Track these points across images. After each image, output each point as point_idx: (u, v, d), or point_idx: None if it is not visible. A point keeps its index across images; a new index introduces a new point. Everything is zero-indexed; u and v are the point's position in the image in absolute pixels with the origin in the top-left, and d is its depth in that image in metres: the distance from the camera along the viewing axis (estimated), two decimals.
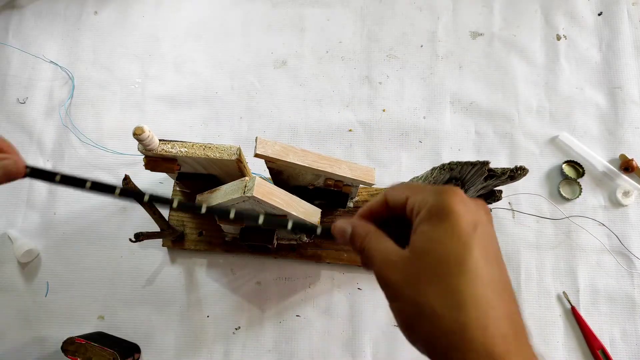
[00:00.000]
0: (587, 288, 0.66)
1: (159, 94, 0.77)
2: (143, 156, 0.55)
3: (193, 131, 0.75)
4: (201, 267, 0.68)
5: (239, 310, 0.66)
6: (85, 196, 0.71)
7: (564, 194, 0.70)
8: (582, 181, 0.70)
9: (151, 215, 0.58)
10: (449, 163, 0.43)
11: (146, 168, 0.55)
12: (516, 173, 0.43)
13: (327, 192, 0.60)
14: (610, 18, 0.79)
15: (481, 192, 0.49)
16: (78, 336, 0.59)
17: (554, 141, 0.73)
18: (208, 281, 0.67)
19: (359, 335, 0.64)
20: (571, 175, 0.70)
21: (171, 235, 0.64)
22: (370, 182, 0.56)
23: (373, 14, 0.81)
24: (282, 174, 0.58)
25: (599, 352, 0.62)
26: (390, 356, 0.63)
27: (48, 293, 0.67)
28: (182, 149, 0.53)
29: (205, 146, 0.53)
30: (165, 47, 0.80)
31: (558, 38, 0.79)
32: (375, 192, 0.68)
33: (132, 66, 0.79)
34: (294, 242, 0.65)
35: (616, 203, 0.70)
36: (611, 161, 0.71)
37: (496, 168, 0.44)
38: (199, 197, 0.55)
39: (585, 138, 0.73)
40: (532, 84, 0.76)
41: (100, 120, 0.76)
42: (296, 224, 0.37)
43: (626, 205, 0.69)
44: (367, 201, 0.67)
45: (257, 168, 0.63)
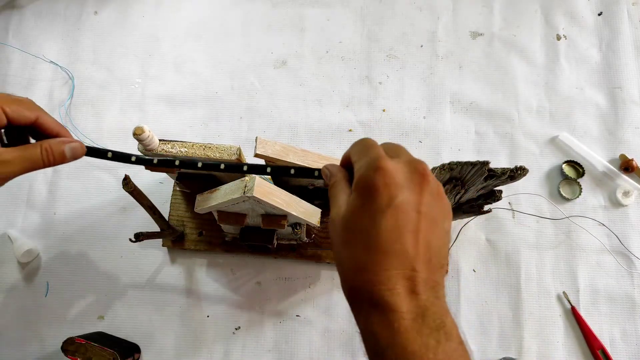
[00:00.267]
0: (587, 288, 0.66)
1: (159, 94, 0.77)
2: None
3: (193, 131, 0.75)
4: (201, 267, 0.68)
5: (239, 310, 0.66)
6: (85, 196, 0.72)
7: (564, 194, 0.70)
8: (582, 181, 0.70)
9: (151, 215, 0.58)
10: (449, 163, 0.43)
11: (146, 168, 0.55)
12: (516, 173, 0.43)
13: (327, 192, 0.60)
14: (610, 18, 0.79)
15: (481, 192, 0.49)
16: (78, 336, 0.59)
17: (554, 141, 0.73)
18: (208, 281, 0.67)
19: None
20: (571, 175, 0.70)
21: (171, 235, 0.65)
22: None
23: (373, 14, 0.81)
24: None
25: (599, 352, 0.62)
26: None
27: (48, 293, 0.67)
28: (182, 149, 0.53)
29: (205, 146, 0.53)
30: (165, 47, 0.80)
31: (558, 38, 0.79)
32: None
33: (132, 66, 0.79)
34: (294, 242, 0.65)
35: (616, 203, 0.70)
36: (611, 161, 0.71)
37: (496, 168, 0.44)
38: (199, 197, 0.55)
39: (585, 138, 0.73)
40: (532, 84, 0.76)
41: (100, 120, 0.76)
42: (298, 170, 0.44)
43: (626, 205, 0.69)
44: None
45: None
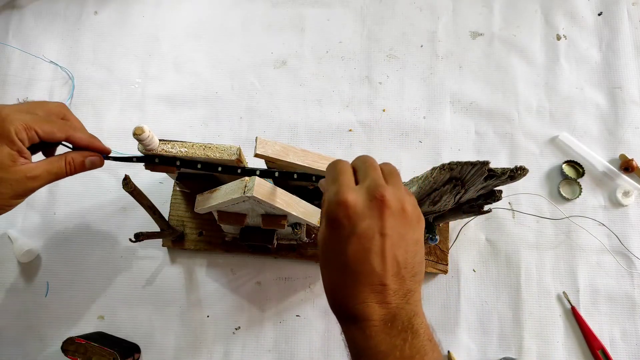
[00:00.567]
0: (587, 288, 0.66)
1: (159, 94, 0.77)
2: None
3: (193, 131, 0.75)
4: (201, 267, 0.68)
5: (239, 310, 0.66)
6: (85, 196, 0.72)
7: (564, 194, 0.70)
8: (582, 181, 0.70)
9: (151, 215, 0.58)
10: (449, 163, 0.43)
11: (146, 168, 0.55)
12: (516, 173, 0.43)
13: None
14: (610, 18, 0.79)
15: (481, 192, 0.49)
16: (78, 336, 0.59)
17: (554, 141, 0.73)
18: (208, 281, 0.67)
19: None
20: (571, 175, 0.70)
21: (171, 235, 0.65)
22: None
23: (373, 14, 0.81)
24: None
25: (599, 352, 0.62)
26: None
27: (48, 293, 0.68)
28: (182, 149, 0.53)
29: (205, 146, 0.53)
30: (165, 47, 0.80)
31: (558, 38, 0.79)
32: None
33: (132, 66, 0.79)
34: (294, 242, 0.65)
35: (616, 203, 0.70)
36: (611, 161, 0.71)
37: (496, 168, 0.44)
38: (199, 197, 0.55)
39: (585, 138, 0.73)
40: (532, 84, 0.76)
41: (100, 120, 0.76)
42: (300, 175, 0.49)
43: (626, 205, 0.69)
44: None
45: None
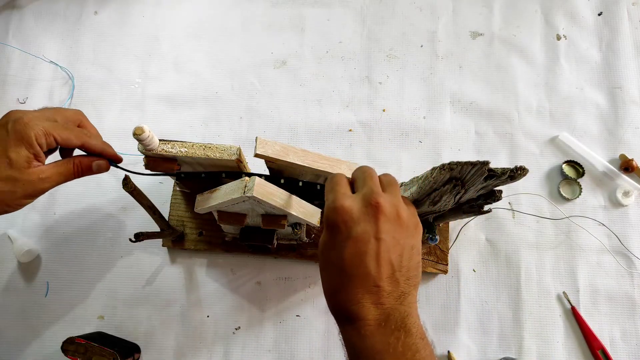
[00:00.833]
0: (587, 288, 0.66)
1: (159, 94, 0.77)
2: (143, 156, 0.55)
3: (193, 131, 0.75)
4: (201, 267, 0.68)
5: (239, 310, 0.66)
6: (85, 196, 0.72)
7: (564, 194, 0.70)
8: (582, 181, 0.70)
9: (151, 215, 0.58)
10: (449, 163, 0.43)
11: (146, 168, 0.55)
12: (516, 173, 0.43)
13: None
14: (610, 18, 0.79)
15: (481, 192, 0.49)
16: (78, 336, 0.59)
17: (554, 141, 0.73)
18: (208, 281, 0.67)
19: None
20: (571, 175, 0.70)
21: (171, 235, 0.64)
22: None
23: (373, 14, 0.81)
24: (282, 174, 0.58)
25: (599, 352, 0.62)
26: None
27: (48, 293, 0.68)
28: (182, 149, 0.53)
29: (205, 146, 0.53)
30: (165, 47, 0.80)
31: (558, 38, 0.79)
32: None
33: (132, 66, 0.79)
34: (294, 242, 0.65)
35: (616, 203, 0.70)
36: (611, 161, 0.71)
37: (496, 168, 0.44)
38: (199, 197, 0.55)
39: (585, 138, 0.73)
40: (532, 84, 0.76)
41: (100, 120, 0.76)
42: (306, 183, 0.53)
43: (626, 205, 0.69)
44: None
45: (257, 168, 0.63)
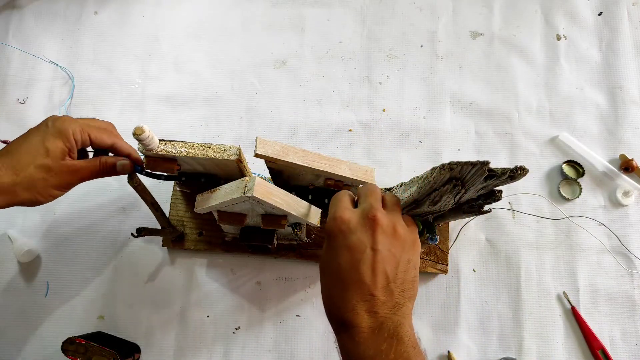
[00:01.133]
0: (587, 288, 0.66)
1: (159, 94, 0.77)
2: (143, 156, 0.55)
3: (193, 131, 0.75)
4: (201, 267, 0.68)
5: (239, 310, 0.66)
6: (85, 196, 0.71)
7: (564, 194, 0.70)
8: (582, 181, 0.70)
9: (153, 212, 0.58)
10: (449, 163, 0.43)
11: (146, 168, 0.55)
12: (516, 173, 0.43)
13: (327, 192, 0.60)
14: (610, 18, 0.79)
15: (481, 192, 0.49)
16: (78, 336, 0.59)
17: (554, 141, 0.73)
18: (208, 281, 0.67)
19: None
20: (571, 175, 0.70)
21: (172, 233, 0.64)
22: (370, 182, 0.56)
23: (373, 14, 0.81)
24: (282, 174, 0.58)
25: (599, 352, 0.62)
26: None
27: (48, 293, 0.67)
28: (182, 149, 0.53)
29: (205, 146, 0.53)
30: (165, 47, 0.80)
31: (558, 38, 0.79)
32: None
33: (132, 66, 0.79)
34: (294, 242, 0.65)
35: (616, 203, 0.70)
36: (611, 161, 0.71)
37: (496, 168, 0.44)
38: (199, 197, 0.55)
39: (585, 138, 0.73)
40: (532, 84, 0.76)
41: None
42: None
43: (626, 205, 0.69)
44: None
45: (257, 168, 0.63)
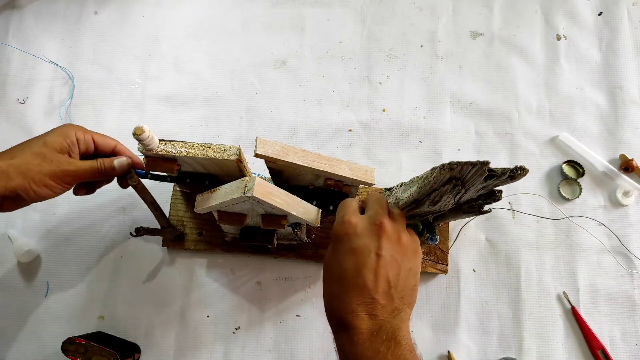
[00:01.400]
0: (587, 288, 0.66)
1: (159, 94, 0.77)
2: (143, 156, 0.55)
3: (193, 131, 0.75)
4: (201, 267, 0.68)
5: (239, 310, 0.66)
6: (85, 196, 0.71)
7: (564, 194, 0.70)
8: (582, 181, 0.70)
9: (152, 211, 0.58)
10: (449, 163, 0.43)
11: (146, 167, 0.55)
12: (516, 173, 0.43)
13: (327, 192, 0.60)
14: (610, 18, 0.79)
15: (481, 192, 0.49)
16: (78, 336, 0.59)
17: (554, 141, 0.73)
18: (208, 281, 0.67)
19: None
20: (571, 175, 0.70)
21: (171, 233, 0.64)
22: (370, 182, 0.56)
23: (373, 14, 0.81)
24: (282, 174, 0.58)
25: (599, 352, 0.62)
26: None
27: (48, 293, 0.68)
28: (182, 149, 0.53)
29: (205, 146, 0.53)
30: (165, 47, 0.80)
31: (558, 38, 0.79)
32: (375, 192, 0.68)
33: (132, 66, 0.79)
34: (294, 242, 0.65)
35: (616, 203, 0.70)
36: (611, 161, 0.71)
37: (496, 168, 0.44)
38: (199, 197, 0.55)
39: (585, 138, 0.73)
40: (532, 84, 0.76)
41: (100, 120, 0.76)
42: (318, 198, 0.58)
43: (626, 205, 0.69)
44: None
45: (257, 168, 0.63)
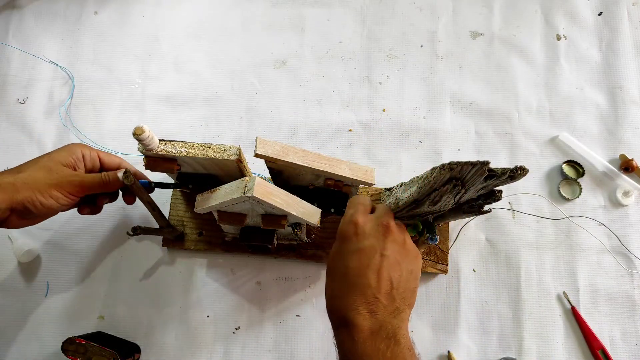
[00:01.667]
0: (587, 288, 0.66)
1: (159, 94, 0.77)
2: (143, 156, 0.55)
3: (193, 131, 0.75)
4: (201, 267, 0.68)
5: (239, 310, 0.66)
6: None
7: (564, 194, 0.70)
8: (582, 181, 0.70)
9: (150, 211, 0.58)
10: (449, 163, 0.43)
11: (146, 168, 0.55)
12: (516, 173, 0.43)
13: (327, 192, 0.60)
14: (610, 18, 0.79)
15: (481, 192, 0.49)
16: (78, 336, 0.59)
17: (554, 141, 0.73)
18: (208, 281, 0.67)
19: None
20: (571, 175, 0.70)
21: (170, 233, 0.64)
22: (370, 182, 0.56)
23: (373, 14, 0.81)
24: (282, 174, 0.58)
25: (599, 352, 0.62)
26: None
27: (48, 293, 0.68)
28: (182, 149, 0.53)
29: (205, 146, 0.53)
30: (165, 47, 0.80)
31: (558, 38, 0.79)
32: (375, 192, 0.68)
33: (132, 66, 0.79)
34: (294, 242, 0.65)
35: (616, 203, 0.70)
36: (611, 161, 0.71)
37: (496, 168, 0.44)
38: (199, 197, 0.55)
39: (585, 138, 0.73)
40: (532, 84, 0.76)
41: (100, 120, 0.76)
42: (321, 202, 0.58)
43: (626, 205, 0.69)
44: None
45: (257, 168, 0.63)
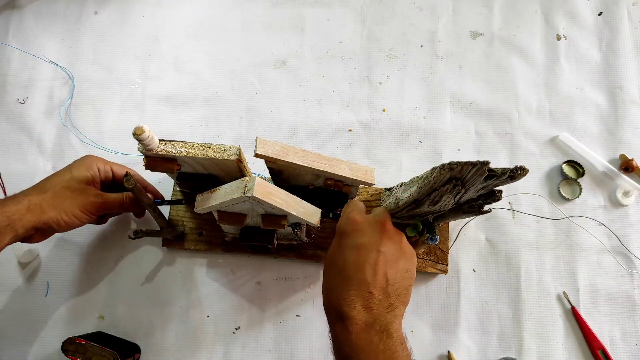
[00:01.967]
0: (587, 288, 0.66)
1: (159, 94, 0.77)
2: (143, 156, 0.55)
3: (193, 131, 0.75)
4: (201, 267, 0.68)
5: (239, 310, 0.66)
6: None
7: (564, 194, 0.70)
8: (582, 181, 0.70)
9: (151, 213, 0.58)
10: (449, 163, 0.43)
11: (146, 168, 0.55)
12: (516, 173, 0.43)
13: (327, 192, 0.60)
14: (610, 18, 0.79)
15: (481, 192, 0.49)
16: (78, 336, 0.59)
17: (554, 141, 0.73)
18: (208, 281, 0.67)
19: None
20: (571, 175, 0.70)
21: (170, 233, 0.64)
22: (370, 182, 0.56)
23: (373, 14, 0.81)
24: (282, 174, 0.58)
25: (599, 352, 0.62)
26: None
27: (48, 293, 0.68)
28: (182, 149, 0.53)
29: (205, 146, 0.53)
30: (165, 47, 0.80)
31: (558, 38, 0.79)
32: (375, 192, 0.68)
33: (132, 66, 0.79)
34: (294, 242, 0.65)
35: (616, 203, 0.70)
36: (611, 161, 0.71)
37: (496, 168, 0.44)
38: (199, 197, 0.55)
39: (585, 138, 0.73)
40: (532, 84, 0.76)
41: (100, 120, 0.76)
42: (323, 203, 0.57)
43: (626, 205, 0.69)
44: (367, 201, 0.67)
45: (257, 168, 0.63)
